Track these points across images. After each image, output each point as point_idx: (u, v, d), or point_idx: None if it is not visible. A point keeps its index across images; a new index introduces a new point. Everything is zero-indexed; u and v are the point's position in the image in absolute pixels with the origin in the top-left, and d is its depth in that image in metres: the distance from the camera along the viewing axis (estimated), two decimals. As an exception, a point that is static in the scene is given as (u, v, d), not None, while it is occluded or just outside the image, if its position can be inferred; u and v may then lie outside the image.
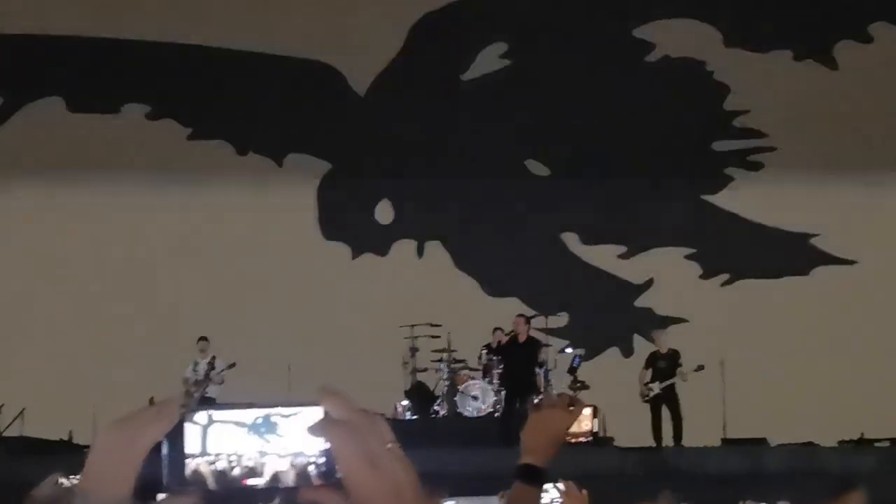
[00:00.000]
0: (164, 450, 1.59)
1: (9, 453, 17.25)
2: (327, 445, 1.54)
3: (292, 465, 1.59)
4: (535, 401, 17.62)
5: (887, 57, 22.37)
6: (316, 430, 1.54)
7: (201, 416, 1.59)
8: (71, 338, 21.68)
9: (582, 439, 17.95)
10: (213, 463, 1.57)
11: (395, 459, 1.51)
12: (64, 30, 23.00)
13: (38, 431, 19.11)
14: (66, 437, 19.35)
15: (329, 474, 1.54)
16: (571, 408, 3.33)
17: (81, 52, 23.01)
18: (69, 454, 17.15)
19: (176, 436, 1.59)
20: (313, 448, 1.56)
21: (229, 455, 1.59)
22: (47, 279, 22.44)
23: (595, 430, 18.28)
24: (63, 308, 22.11)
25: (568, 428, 3.31)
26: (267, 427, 1.61)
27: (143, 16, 22.75)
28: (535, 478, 3.20)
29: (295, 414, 1.59)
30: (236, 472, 1.59)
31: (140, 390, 18.62)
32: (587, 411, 17.76)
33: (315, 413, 1.57)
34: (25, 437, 19.16)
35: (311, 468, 1.55)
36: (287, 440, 1.59)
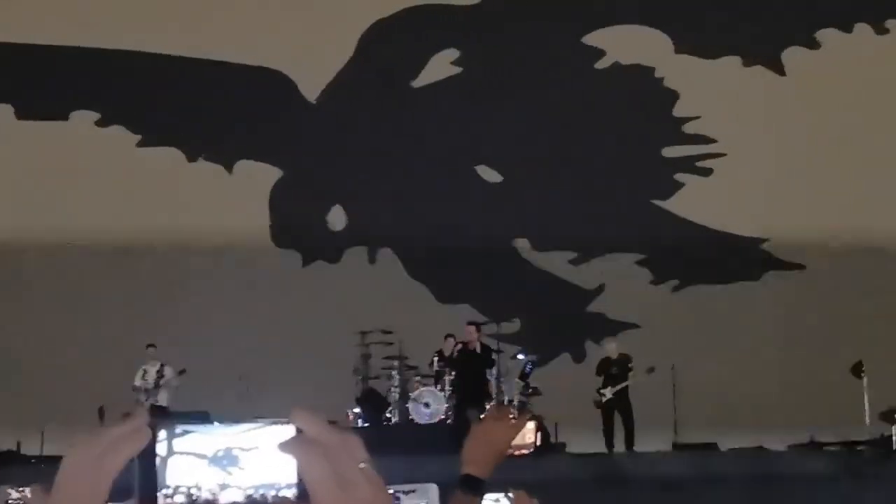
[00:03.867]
0: (135, 470, 1.56)
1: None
2: (296, 464, 1.53)
3: (253, 499, 1.56)
4: (481, 415, 17.61)
5: (834, 63, 22.56)
6: (286, 447, 1.52)
7: (162, 448, 1.56)
8: (18, 346, 21.48)
9: (524, 451, 17.93)
10: (170, 497, 1.54)
11: (367, 480, 1.49)
12: (12, 37, 22.82)
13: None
14: (14, 448, 19.15)
15: (303, 495, 1.52)
16: (514, 419, 3.33)
17: (30, 59, 22.84)
18: (17, 465, 17.00)
19: (147, 456, 1.57)
20: (277, 477, 1.54)
21: (189, 487, 1.56)
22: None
23: (538, 443, 18.26)
24: (8, 315, 21.90)
25: (510, 441, 3.30)
26: (228, 460, 1.59)
27: (93, 23, 22.60)
28: (476, 488, 3.19)
29: (256, 447, 1.57)
30: None
31: (88, 399, 18.53)
32: (531, 424, 17.74)
33: (286, 430, 1.55)
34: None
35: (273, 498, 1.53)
36: (248, 473, 1.57)
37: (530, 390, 19.02)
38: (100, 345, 20.99)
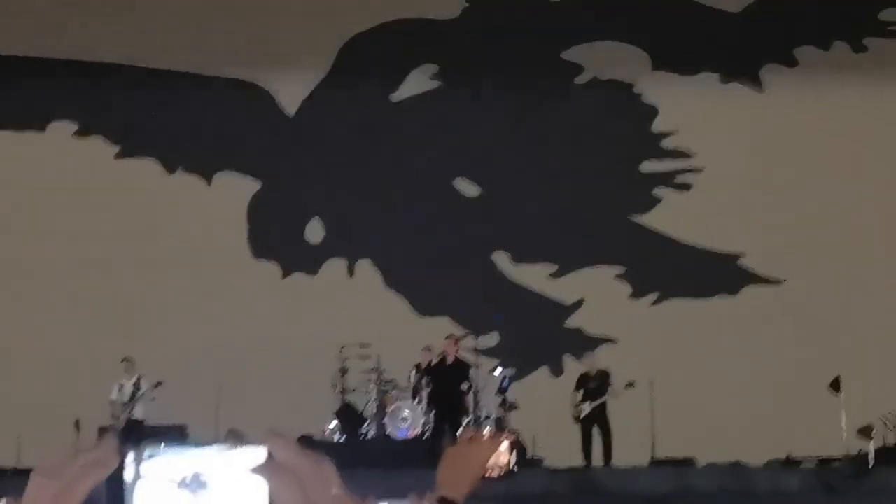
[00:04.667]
0: (103, 496, 1.54)
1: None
2: (267, 489, 1.51)
3: None
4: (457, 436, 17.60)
5: (812, 80, 22.66)
6: (258, 472, 1.51)
7: (128, 472, 1.53)
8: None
9: (499, 472, 17.87)
10: None
11: (339, 507, 1.48)
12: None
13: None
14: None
15: None
16: (489, 441, 3.33)
17: (8, 68, 22.78)
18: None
19: (114, 481, 1.54)
20: (248, 502, 1.51)
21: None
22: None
23: (513, 465, 18.23)
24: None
25: (485, 463, 3.29)
26: (197, 485, 1.56)
27: (72, 34, 22.55)
28: None
29: (226, 471, 1.54)
30: None
31: (65, 412, 18.44)
32: (505, 444, 17.68)
33: (257, 454, 1.53)
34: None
35: None
36: (217, 498, 1.54)
37: (508, 404, 19.02)
38: (77, 357, 20.89)
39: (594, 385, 18.98)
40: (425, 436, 18.50)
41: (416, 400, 18.85)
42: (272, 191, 23.09)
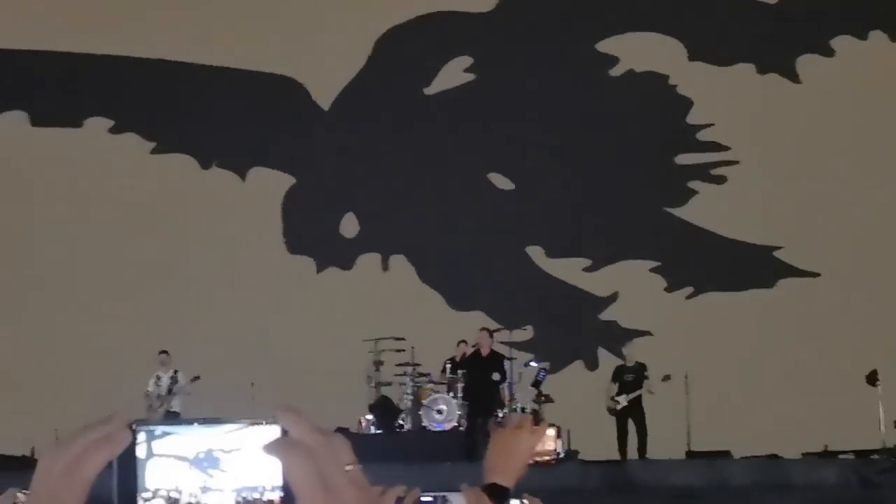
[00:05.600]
0: (114, 472, 1.52)
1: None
2: (281, 466, 1.50)
3: (235, 502, 1.52)
4: (499, 419, 17.59)
5: (849, 71, 22.50)
6: (271, 449, 1.49)
7: (141, 450, 1.52)
8: (33, 352, 21.53)
9: (546, 458, 17.88)
10: (149, 500, 1.50)
11: (352, 483, 1.47)
12: (28, 44, 22.89)
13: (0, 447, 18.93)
14: (27, 454, 19.16)
15: (288, 497, 1.49)
16: (535, 427, 3.30)
17: (45, 66, 22.91)
18: (30, 470, 16.97)
19: (126, 459, 1.52)
20: (261, 478, 1.51)
21: (169, 491, 1.52)
22: (7, 295, 22.27)
23: (559, 450, 18.21)
24: (23, 321, 21.96)
25: (532, 448, 3.29)
26: (209, 462, 1.54)
27: (107, 31, 22.65)
28: (501, 497, 3.16)
29: (239, 449, 1.53)
30: None
31: (102, 405, 18.56)
32: (551, 431, 17.70)
33: (271, 432, 1.52)
34: (-14, 453, 18.97)
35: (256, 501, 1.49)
36: (231, 475, 1.53)
37: (543, 398, 18.98)
38: (114, 351, 21.00)
39: (630, 378, 18.91)
40: (460, 428, 18.49)
41: (451, 393, 18.84)
42: (307, 186, 23.13)
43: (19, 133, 22.84)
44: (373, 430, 19.21)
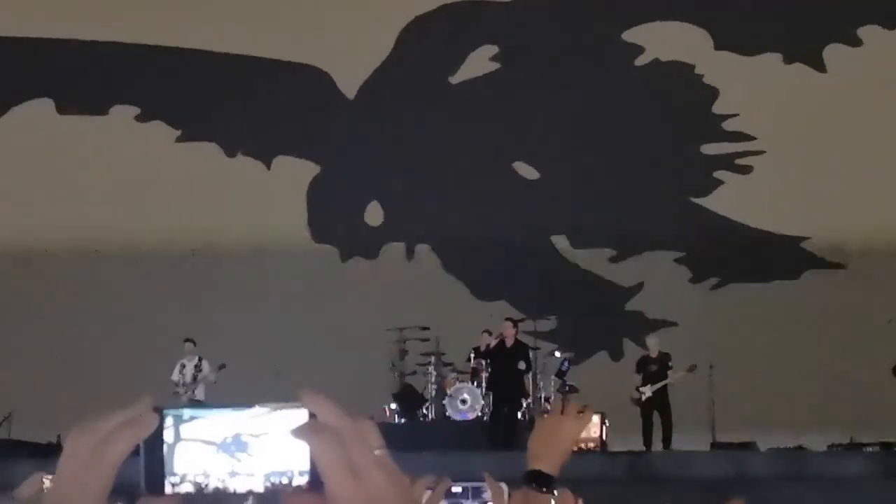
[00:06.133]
0: (141, 457, 1.51)
1: (-4, 456, 17.13)
2: (309, 450, 1.49)
3: (263, 487, 1.51)
4: (545, 406, 17.60)
5: (876, 60, 22.38)
6: (298, 433, 1.48)
7: (169, 434, 1.50)
8: (59, 340, 21.62)
9: (591, 446, 17.85)
10: (176, 485, 1.48)
11: (380, 468, 1.45)
12: (54, 32, 22.95)
13: (27, 434, 19.02)
14: (54, 441, 19.25)
15: (315, 482, 1.47)
16: (580, 413, 3.24)
17: (71, 53, 22.97)
18: (57, 457, 17.04)
19: (153, 442, 1.51)
20: (289, 463, 1.49)
21: (196, 475, 1.50)
22: (34, 282, 22.37)
23: (605, 437, 18.18)
24: (50, 310, 22.05)
25: (577, 435, 3.24)
26: (237, 446, 1.53)
27: (133, 18, 22.70)
28: (546, 484, 3.12)
29: (267, 433, 1.51)
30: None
31: (128, 392, 18.61)
32: (596, 418, 17.67)
33: (299, 416, 1.50)
34: (13, 440, 19.07)
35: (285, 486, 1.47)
36: (259, 460, 1.51)
37: (567, 388, 18.96)
38: (140, 339, 21.08)
39: (655, 368, 18.87)
40: (484, 418, 18.50)
41: (475, 382, 18.85)
42: (331, 175, 23.15)
43: (45, 120, 22.90)
44: (396, 418, 19.24)
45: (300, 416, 1.50)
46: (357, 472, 1.44)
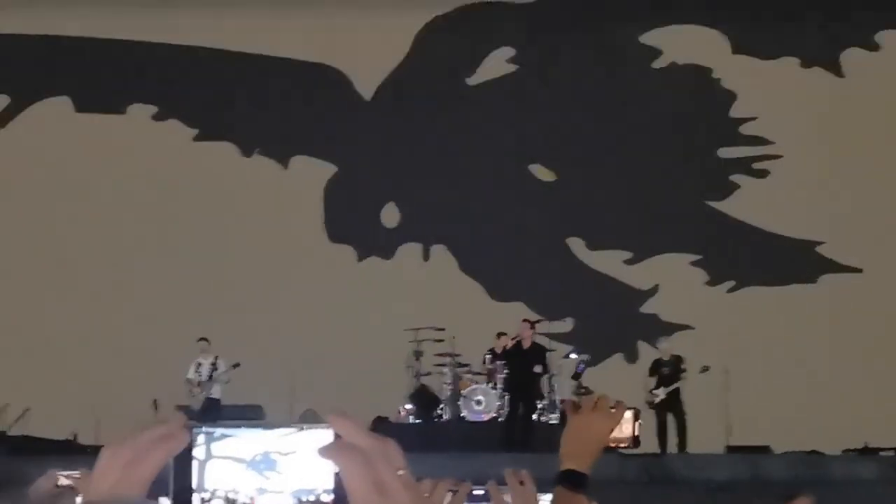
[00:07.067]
0: (170, 472, 1.54)
1: (12, 452, 17.21)
2: (336, 469, 1.53)
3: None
4: (575, 402, 17.58)
5: (894, 64, 22.34)
6: (326, 452, 1.52)
7: (200, 451, 1.54)
8: (75, 338, 21.68)
9: (623, 444, 17.83)
10: (207, 501, 1.52)
11: (405, 487, 1.49)
12: (72, 30, 23.03)
13: (43, 431, 19.09)
14: (70, 438, 19.34)
15: (340, 500, 1.51)
16: (613, 410, 3.17)
17: (89, 52, 23.05)
18: (73, 454, 17.13)
19: (183, 459, 1.55)
20: (315, 481, 1.53)
21: (227, 491, 1.54)
22: (51, 281, 22.45)
23: (637, 434, 18.15)
24: (67, 308, 22.11)
25: (610, 432, 3.17)
26: (266, 464, 1.57)
27: (152, 17, 22.76)
28: (579, 484, 3.08)
29: (294, 452, 1.55)
30: None
31: (143, 391, 18.68)
32: (628, 414, 17.64)
33: (324, 435, 1.54)
34: (29, 437, 19.13)
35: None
36: (287, 477, 1.55)
37: (582, 390, 18.97)
38: (155, 337, 21.13)
39: (668, 371, 18.87)
40: (499, 419, 18.52)
41: (491, 383, 18.87)
42: (348, 175, 23.18)
43: (64, 118, 22.98)
44: (412, 419, 19.26)
45: (326, 435, 1.54)
46: (382, 490, 1.48)
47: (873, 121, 22.23)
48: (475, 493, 3.69)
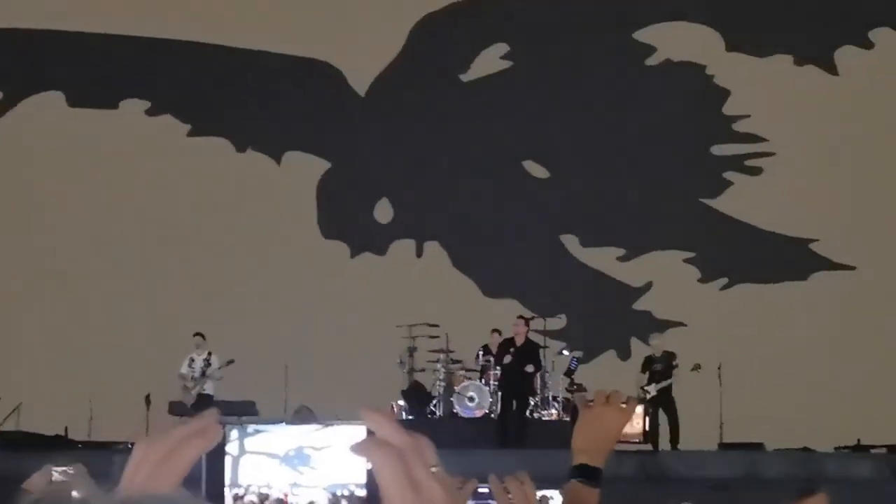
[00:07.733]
0: (202, 467, 1.54)
1: (5, 447, 17.20)
2: (369, 465, 1.53)
3: (326, 499, 1.54)
4: (587, 397, 17.56)
5: (888, 62, 22.38)
6: (359, 449, 1.52)
7: (233, 447, 1.54)
8: (68, 334, 21.66)
9: (634, 440, 17.82)
10: (241, 497, 1.52)
11: (439, 483, 1.49)
12: (65, 25, 22.99)
13: (35, 426, 19.07)
14: (62, 433, 19.30)
15: (373, 495, 1.51)
16: (624, 405, 3.14)
17: (82, 47, 23.01)
18: (65, 449, 17.11)
19: (215, 454, 1.55)
20: (349, 476, 1.52)
21: (260, 486, 1.54)
22: (42, 276, 22.42)
23: (648, 429, 18.14)
24: (60, 304, 22.09)
25: (622, 427, 3.15)
26: (300, 459, 1.57)
27: (145, 12, 22.73)
28: (593, 478, 3.07)
29: (328, 447, 1.55)
30: None
31: (136, 387, 18.68)
32: (639, 410, 17.60)
33: (357, 431, 1.54)
34: (22, 432, 19.11)
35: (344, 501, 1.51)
36: (320, 472, 1.55)
37: (575, 387, 18.98)
38: (147, 332, 21.12)
39: (660, 367, 18.87)
40: (492, 416, 18.52)
41: (483, 380, 18.87)
42: (341, 171, 23.17)
43: (56, 113, 22.94)
44: (404, 415, 19.25)
45: (359, 431, 1.54)
46: (416, 486, 1.48)
47: (867, 119, 22.26)
48: (480, 490, 3.68)
